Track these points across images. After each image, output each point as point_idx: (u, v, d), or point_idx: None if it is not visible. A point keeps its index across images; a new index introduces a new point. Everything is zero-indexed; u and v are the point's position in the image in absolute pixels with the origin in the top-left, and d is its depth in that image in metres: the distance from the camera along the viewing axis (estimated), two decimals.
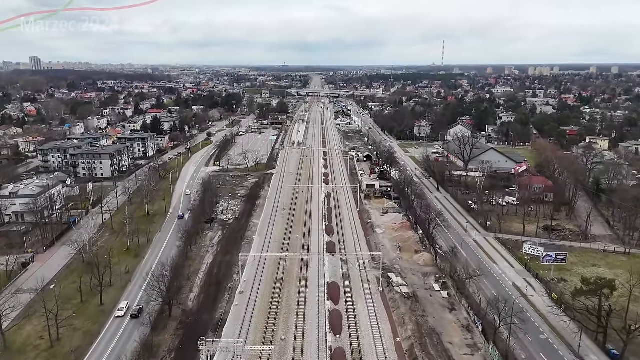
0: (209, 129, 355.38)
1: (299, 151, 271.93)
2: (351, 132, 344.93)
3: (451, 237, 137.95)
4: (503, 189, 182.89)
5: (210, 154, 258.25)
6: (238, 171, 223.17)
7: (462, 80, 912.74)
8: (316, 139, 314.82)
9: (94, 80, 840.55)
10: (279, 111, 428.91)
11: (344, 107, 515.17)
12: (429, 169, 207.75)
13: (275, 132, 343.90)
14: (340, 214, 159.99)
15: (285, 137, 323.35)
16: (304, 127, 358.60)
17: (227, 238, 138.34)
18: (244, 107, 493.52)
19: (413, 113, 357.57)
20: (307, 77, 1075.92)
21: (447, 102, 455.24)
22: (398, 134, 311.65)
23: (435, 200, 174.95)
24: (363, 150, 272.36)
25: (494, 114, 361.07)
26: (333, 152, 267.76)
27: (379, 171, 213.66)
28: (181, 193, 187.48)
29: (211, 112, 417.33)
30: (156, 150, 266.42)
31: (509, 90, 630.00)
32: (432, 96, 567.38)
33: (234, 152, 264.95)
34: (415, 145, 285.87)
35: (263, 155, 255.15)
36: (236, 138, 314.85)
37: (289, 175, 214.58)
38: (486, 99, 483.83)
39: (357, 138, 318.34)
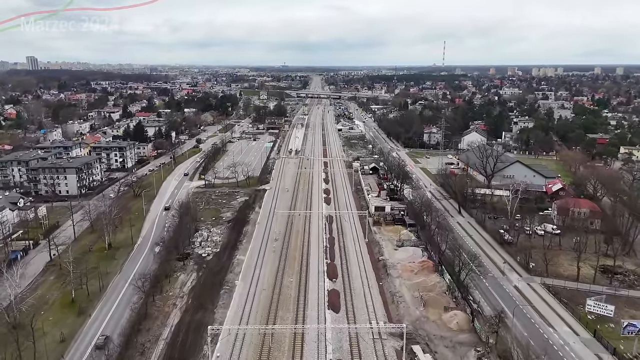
0: (199, 134, 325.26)
1: (296, 161, 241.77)
2: (354, 138, 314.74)
3: (487, 283, 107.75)
4: (536, 211, 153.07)
5: (197, 165, 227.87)
6: (226, 186, 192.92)
7: (466, 81, 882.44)
8: (316, 146, 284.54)
9: (87, 81, 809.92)
10: (276, 114, 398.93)
11: (346, 109, 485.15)
12: (448, 187, 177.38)
13: (272, 138, 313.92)
14: (345, 247, 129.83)
15: (282, 144, 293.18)
16: (302, 133, 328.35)
17: (203, 283, 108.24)
18: (240, 109, 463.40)
19: (421, 118, 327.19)
20: (307, 78, 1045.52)
21: (456, 105, 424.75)
22: (406, 141, 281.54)
23: (458, 227, 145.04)
24: (368, 160, 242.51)
25: (508, 118, 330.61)
26: (335, 163, 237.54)
27: (389, 188, 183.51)
28: (156, 216, 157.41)
29: (203, 115, 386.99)
30: (137, 161, 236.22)
31: (517, 91, 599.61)
32: (438, 98, 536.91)
33: (223, 163, 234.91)
34: (426, 154, 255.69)
35: (256, 167, 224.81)
36: (228, 145, 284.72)
37: (284, 192, 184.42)
38: (495, 102, 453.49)
39: (360, 145, 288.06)
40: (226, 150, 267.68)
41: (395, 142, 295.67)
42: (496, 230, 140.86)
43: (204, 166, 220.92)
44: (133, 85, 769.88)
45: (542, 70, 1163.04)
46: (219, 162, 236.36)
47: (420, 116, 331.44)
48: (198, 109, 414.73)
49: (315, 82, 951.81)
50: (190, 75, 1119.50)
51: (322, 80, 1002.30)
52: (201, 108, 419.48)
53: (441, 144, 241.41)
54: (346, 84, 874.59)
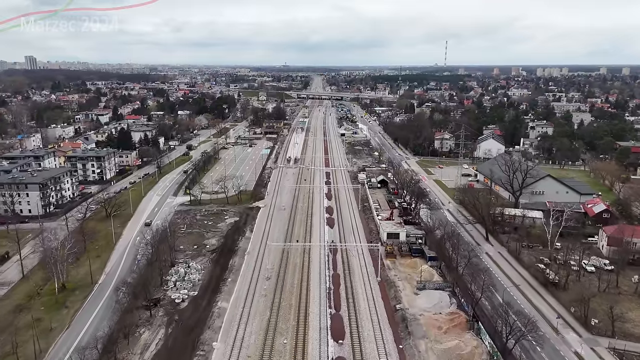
0: (192, 139, 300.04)
1: (295, 171, 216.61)
2: (358, 144, 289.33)
3: (538, 347, 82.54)
4: (579, 238, 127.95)
5: (184, 177, 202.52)
6: (215, 203, 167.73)
7: (471, 81, 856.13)
8: (317, 154, 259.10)
9: (83, 81, 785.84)
10: (275, 117, 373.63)
11: (348, 111, 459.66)
12: (470, 206, 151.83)
13: (269, 143, 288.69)
14: (353, 288, 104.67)
15: (280, 151, 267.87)
16: (302, 138, 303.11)
17: (171, 347, 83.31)
18: (238, 111, 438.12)
19: (431, 122, 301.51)
20: (308, 78, 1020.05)
21: (464, 107, 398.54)
22: (415, 149, 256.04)
23: (487, 259, 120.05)
24: (375, 170, 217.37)
25: (524, 122, 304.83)
26: (338, 174, 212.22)
27: (400, 206, 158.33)
28: (128, 243, 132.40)
29: (198, 118, 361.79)
30: (118, 171, 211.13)
31: (525, 92, 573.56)
32: (444, 100, 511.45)
33: (214, 174, 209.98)
34: (439, 163, 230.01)
35: (249, 180, 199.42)
36: (221, 152, 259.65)
37: (281, 210, 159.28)
38: (505, 104, 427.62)
39: (365, 152, 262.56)
40: (218, 159, 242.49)
41: (403, 149, 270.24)
42: (534, 264, 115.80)
43: (192, 178, 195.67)
44: (129, 86, 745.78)
45: (547, 70, 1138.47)
46: (209, 173, 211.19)
47: (429, 120, 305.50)
48: (192, 112, 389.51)
49: (316, 82, 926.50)
50: (190, 75, 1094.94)
51: (323, 81, 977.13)
52: (196, 110, 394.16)
53: (460, 153, 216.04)
54: (348, 84, 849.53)
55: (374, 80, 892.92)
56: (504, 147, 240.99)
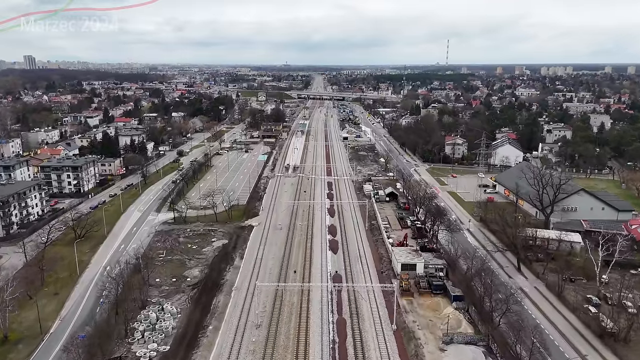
0: (184, 143, 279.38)
1: (295, 181, 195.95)
2: (362, 148, 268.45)
3: None
4: (627, 269, 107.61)
5: (171, 188, 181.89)
6: (202, 221, 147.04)
7: (475, 80, 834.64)
8: (318, 160, 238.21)
9: (78, 81, 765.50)
10: (273, 119, 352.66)
11: (350, 112, 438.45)
12: (497, 228, 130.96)
13: (267, 148, 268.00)
14: (363, 341, 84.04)
15: (278, 157, 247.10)
16: (302, 142, 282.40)
17: None
18: (235, 113, 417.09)
19: (440, 125, 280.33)
20: (309, 77, 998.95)
21: (473, 108, 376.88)
22: (425, 155, 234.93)
23: (522, 296, 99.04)
24: (381, 179, 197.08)
25: (539, 125, 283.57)
26: (341, 185, 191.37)
27: (414, 225, 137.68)
28: (96, 273, 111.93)
29: (192, 120, 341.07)
30: (99, 181, 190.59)
31: (534, 92, 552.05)
32: (450, 100, 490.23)
33: (205, 184, 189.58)
34: (452, 172, 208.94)
35: (243, 191, 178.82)
36: (215, 159, 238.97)
37: (276, 230, 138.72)
38: (516, 105, 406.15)
39: (370, 159, 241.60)
40: (211, 166, 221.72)
41: (411, 154, 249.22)
42: (582, 305, 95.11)
43: (179, 191, 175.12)
44: (126, 86, 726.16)
45: (552, 69, 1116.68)
46: (199, 184, 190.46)
47: (439, 123, 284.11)
48: (187, 114, 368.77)
49: (317, 81, 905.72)
50: (189, 75, 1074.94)
51: (324, 80, 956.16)
52: (191, 112, 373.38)
53: (480, 160, 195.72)
54: (349, 83, 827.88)
55: (376, 79, 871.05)
56: (522, 154, 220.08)
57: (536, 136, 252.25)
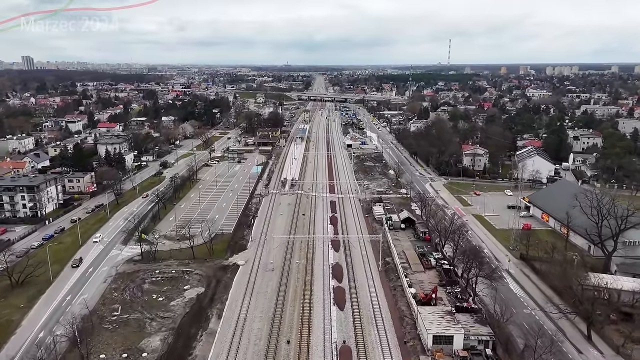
0: (170, 152, 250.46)
1: (292, 200, 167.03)
2: (368, 157, 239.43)
3: None
4: None
5: (144, 213, 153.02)
6: (176, 258, 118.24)
7: (480, 80, 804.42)
8: (319, 173, 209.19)
9: (72, 82, 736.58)
10: (271, 124, 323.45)
11: (354, 116, 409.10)
12: (547, 273, 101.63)
13: (262, 158, 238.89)
14: None
15: (274, 168, 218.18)
16: (302, 151, 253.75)
17: None
18: (231, 116, 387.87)
19: (455, 131, 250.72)
20: (310, 78, 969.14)
21: (485, 111, 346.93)
22: (440, 166, 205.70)
23: None
24: (392, 197, 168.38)
25: (565, 131, 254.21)
26: (346, 205, 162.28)
27: (440, 267, 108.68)
28: (23, 344, 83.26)
29: (182, 125, 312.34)
30: (62, 202, 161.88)
31: (545, 94, 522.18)
32: (458, 102, 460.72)
33: (187, 205, 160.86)
34: (474, 188, 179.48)
35: (229, 216, 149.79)
36: (202, 171, 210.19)
37: (267, 272, 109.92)
38: (531, 107, 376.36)
39: (378, 170, 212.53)
40: (197, 181, 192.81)
41: (424, 165, 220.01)
42: None
43: (153, 215, 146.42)
44: (120, 87, 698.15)
45: (558, 68, 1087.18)
46: (180, 204, 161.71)
47: (453, 130, 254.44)
48: (178, 117, 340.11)
49: (318, 82, 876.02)
50: (188, 76, 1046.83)
51: (325, 80, 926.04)
52: (182, 116, 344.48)
53: (519, 175, 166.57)
54: (351, 84, 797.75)
55: (379, 80, 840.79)
56: (554, 166, 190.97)
57: (564, 145, 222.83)
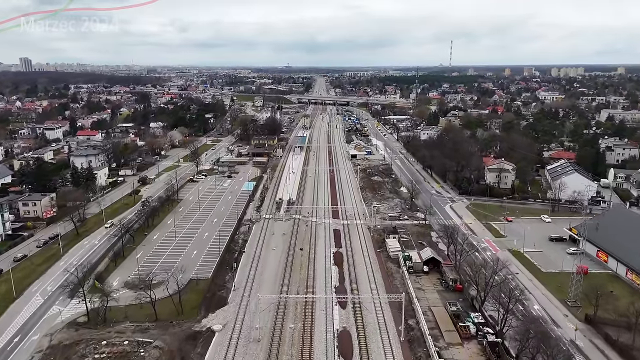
0: (154, 164, 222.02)
1: (287, 229, 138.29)
2: (375, 171, 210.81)
3: None
4: None
5: (110, 244, 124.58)
6: (132, 320, 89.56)
7: (485, 82, 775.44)
8: (320, 191, 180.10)
9: (65, 84, 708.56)
10: (268, 130, 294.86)
11: (357, 121, 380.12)
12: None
13: (257, 171, 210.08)
14: None
15: (269, 185, 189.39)
16: (300, 162, 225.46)
17: None
18: (226, 121, 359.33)
19: (473, 141, 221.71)
20: (310, 80, 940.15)
21: (503, 119, 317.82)
22: (461, 184, 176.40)
23: None
24: (408, 223, 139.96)
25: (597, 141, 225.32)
26: (353, 236, 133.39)
27: (484, 338, 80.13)
28: None
29: (170, 133, 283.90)
30: (9, 233, 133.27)
31: (558, 96, 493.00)
32: (467, 105, 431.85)
33: (161, 235, 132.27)
34: (506, 213, 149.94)
35: (211, 251, 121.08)
36: (185, 189, 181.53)
37: (249, 345, 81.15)
38: (549, 112, 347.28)
39: (388, 187, 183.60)
40: (177, 202, 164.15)
41: (440, 181, 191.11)
42: None
43: (115, 253, 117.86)
44: (114, 89, 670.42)
45: (564, 70, 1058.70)
46: (152, 234, 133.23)
47: (472, 139, 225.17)
48: (168, 123, 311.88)
49: (319, 84, 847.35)
50: (187, 78, 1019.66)
51: (326, 82, 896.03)
52: (172, 122, 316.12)
53: (556, 199, 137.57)
54: (353, 86, 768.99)
55: (382, 81, 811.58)
56: (594, 184, 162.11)
57: (600, 157, 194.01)
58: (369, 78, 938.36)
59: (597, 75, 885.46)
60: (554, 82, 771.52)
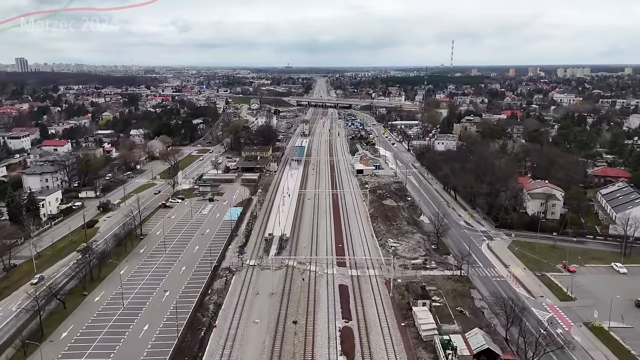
0: (126, 182, 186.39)
1: (278, 281, 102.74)
2: (387, 191, 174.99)
3: None
4: None
5: (34, 311, 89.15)
6: None
7: (493, 83, 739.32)
8: (321, 224, 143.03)
9: (54, 85, 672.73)
10: (262, 139, 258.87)
11: (361, 126, 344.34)
12: None
13: (246, 192, 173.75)
14: None
15: (258, 212, 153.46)
16: (298, 181, 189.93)
17: None
18: (218, 128, 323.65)
19: (502, 155, 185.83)
20: (310, 80, 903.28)
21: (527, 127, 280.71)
22: (497, 213, 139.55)
23: None
24: (438, 276, 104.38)
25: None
26: (366, 296, 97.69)
27: None
28: None
29: (150, 143, 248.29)
30: None
31: (576, 99, 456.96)
32: (479, 109, 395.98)
33: (100, 301, 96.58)
34: (567, 262, 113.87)
35: (165, 331, 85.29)
36: (154, 218, 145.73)
37: None
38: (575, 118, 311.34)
39: (404, 215, 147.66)
40: (140, 238, 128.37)
41: (467, 207, 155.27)
42: None
43: (31, 331, 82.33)
44: (106, 91, 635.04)
45: (570, 70, 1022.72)
46: (95, 294, 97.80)
47: (502, 153, 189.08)
48: (151, 131, 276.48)
49: (319, 85, 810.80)
50: (184, 78, 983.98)
51: (327, 83, 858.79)
52: (156, 129, 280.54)
53: (624, 237, 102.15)
54: (355, 87, 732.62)
55: (384, 82, 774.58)
56: None
57: None
58: (370, 79, 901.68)
59: (606, 76, 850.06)
60: (563, 83, 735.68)
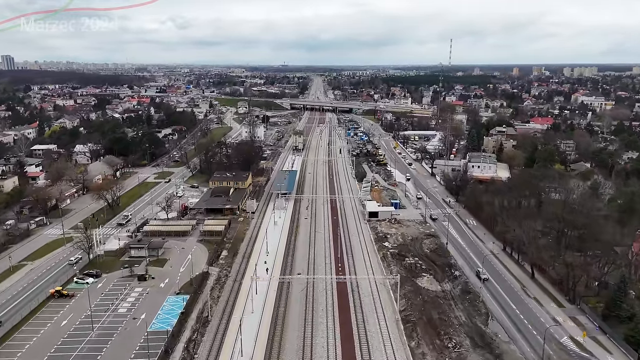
0: (33, 234, 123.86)
1: None
2: (417, 256, 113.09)
3: None
4: None
5: None
6: None
7: (502, 84, 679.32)
8: (319, 333, 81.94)
9: (27, 85, 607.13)
10: (242, 159, 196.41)
11: (366, 137, 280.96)
12: None
13: (202, 256, 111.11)
14: None
15: (213, 306, 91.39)
16: (283, 234, 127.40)
17: None
18: (192, 139, 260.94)
19: (589, 197, 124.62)
20: (307, 80, 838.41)
21: (577, 141, 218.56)
22: (620, 319, 78.61)
23: None
24: None
25: None
26: None
27: None
28: None
29: (94, 164, 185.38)
30: None
31: (609, 103, 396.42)
32: (501, 115, 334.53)
33: None
34: None
35: None
36: (32, 324, 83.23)
37: None
38: (627, 128, 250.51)
39: (462, 321, 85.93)
40: None
41: (552, 291, 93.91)
42: None
43: None
44: (82, 91, 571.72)
45: (577, 69, 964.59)
46: None
47: (595, 198, 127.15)
48: (100, 147, 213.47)
49: (316, 84, 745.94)
50: (174, 77, 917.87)
51: (324, 82, 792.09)
52: (107, 144, 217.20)
53: None
54: (354, 87, 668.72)
55: (385, 82, 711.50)
56: None
57: None
58: (369, 78, 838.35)
59: (619, 76, 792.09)
60: (574, 83, 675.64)
